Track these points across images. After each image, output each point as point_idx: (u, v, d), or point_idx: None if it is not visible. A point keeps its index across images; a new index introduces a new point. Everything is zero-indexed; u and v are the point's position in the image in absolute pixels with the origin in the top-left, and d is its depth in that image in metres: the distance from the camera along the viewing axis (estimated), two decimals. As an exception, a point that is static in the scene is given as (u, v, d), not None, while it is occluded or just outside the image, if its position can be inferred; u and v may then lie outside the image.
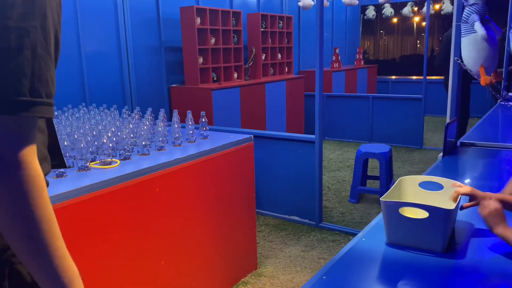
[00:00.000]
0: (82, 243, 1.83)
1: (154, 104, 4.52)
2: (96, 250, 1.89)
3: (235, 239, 2.78)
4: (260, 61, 6.00)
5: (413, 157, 5.78)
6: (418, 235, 1.35)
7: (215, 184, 2.57)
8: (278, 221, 3.78)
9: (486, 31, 2.52)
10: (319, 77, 3.40)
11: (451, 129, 2.72)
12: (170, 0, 4.97)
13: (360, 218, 3.79)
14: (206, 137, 2.73)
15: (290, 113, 6.31)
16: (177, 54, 5.16)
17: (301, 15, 7.46)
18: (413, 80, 9.75)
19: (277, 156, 3.78)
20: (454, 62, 2.78)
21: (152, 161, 2.19)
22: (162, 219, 2.21)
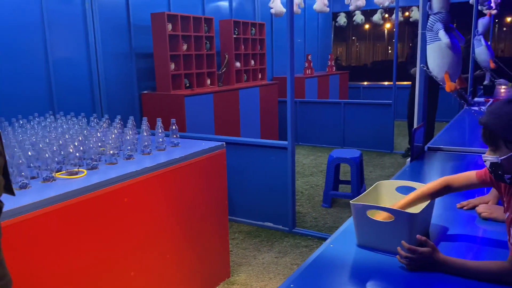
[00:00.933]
0: (49, 256, 1.78)
1: (124, 112, 4.45)
2: (63, 263, 1.83)
3: (207, 248, 2.75)
4: (233, 67, 6.00)
5: (383, 161, 5.89)
6: (385, 237, 1.37)
7: (186, 192, 2.54)
8: (251, 227, 3.77)
9: (450, 39, 2.60)
10: (291, 83, 3.42)
11: (418, 134, 2.78)
12: (141, 6, 4.92)
13: (333, 223, 3.82)
14: (177, 145, 2.70)
15: (264, 119, 6.33)
16: (148, 60, 5.10)
17: (273, 22, 7.51)
18: (384, 86, 9.97)
19: (250, 162, 3.78)
20: (420, 69, 2.86)
21: (120, 171, 2.15)
22: (131, 230, 2.16)
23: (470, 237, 1.52)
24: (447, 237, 1.52)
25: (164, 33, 4.79)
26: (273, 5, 7.08)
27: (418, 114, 2.97)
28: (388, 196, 1.63)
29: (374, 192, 1.61)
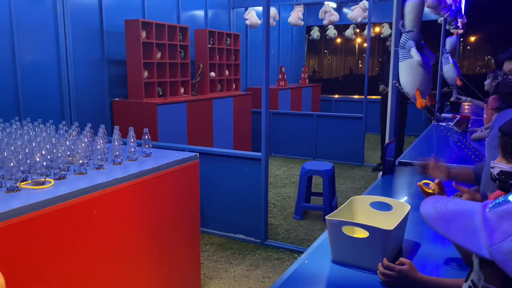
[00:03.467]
0: (13, 271, 1.68)
1: (94, 119, 4.34)
2: (27, 279, 1.74)
3: (178, 261, 2.69)
4: (208, 77, 5.98)
5: (354, 174, 5.97)
6: (360, 253, 1.37)
7: (158, 204, 2.48)
8: (223, 239, 3.72)
9: (422, 57, 2.68)
10: (266, 95, 3.43)
11: (390, 149, 2.84)
12: (115, 12, 4.84)
13: (305, 235, 3.83)
14: (149, 155, 2.64)
15: (237, 130, 6.31)
16: (121, 67, 5.01)
17: (248, 33, 7.55)
18: (355, 99, 10.16)
19: (223, 173, 3.75)
20: (392, 85, 2.92)
21: (89, 181, 2.08)
22: (100, 242, 2.09)
23: (441, 253, 1.54)
24: (419, 252, 1.54)
25: (138, 40, 4.73)
26: (248, 17, 7.15)
27: (390, 129, 3.03)
28: (362, 211, 1.64)
29: (349, 207, 1.62)
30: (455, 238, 0.56)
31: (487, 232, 0.52)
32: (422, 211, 0.61)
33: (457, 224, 0.55)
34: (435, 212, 0.58)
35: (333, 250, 1.44)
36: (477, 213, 0.54)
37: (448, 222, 0.56)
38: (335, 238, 1.42)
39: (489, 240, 0.52)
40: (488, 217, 0.53)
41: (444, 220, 0.57)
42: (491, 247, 0.51)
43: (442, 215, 0.57)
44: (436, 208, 0.59)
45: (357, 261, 1.39)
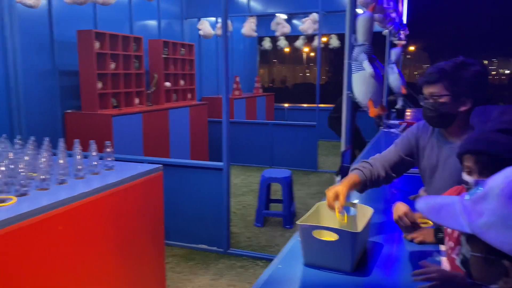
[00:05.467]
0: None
1: (46, 132, 4.14)
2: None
3: (144, 273, 2.67)
4: (163, 87, 5.94)
5: (309, 180, 6.15)
6: (330, 256, 1.46)
7: (123, 217, 2.46)
8: (186, 250, 3.72)
9: (373, 69, 2.86)
10: (226, 104, 3.48)
11: (346, 155, 2.99)
12: (65, 22, 4.71)
13: (266, 242, 3.91)
14: (112, 168, 2.62)
15: (194, 139, 6.31)
16: (73, 78, 4.87)
17: (201, 43, 7.59)
18: (305, 107, 10.46)
19: (184, 184, 3.75)
20: (347, 95, 3.08)
21: (52, 197, 2.03)
22: (66, 258, 2.04)
23: (403, 252, 1.67)
24: (383, 252, 1.65)
25: (91, 51, 4.63)
26: (202, 27, 7.20)
27: (345, 137, 3.18)
28: (328, 216, 1.73)
29: (316, 213, 1.71)
30: (444, 222, 0.74)
31: (466, 215, 0.71)
32: (418, 208, 0.78)
33: (445, 212, 0.74)
34: (428, 207, 0.76)
35: (305, 253, 1.52)
36: (457, 203, 0.73)
37: (438, 212, 0.75)
38: (306, 242, 1.50)
39: (468, 219, 0.70)
40: (465, 204, 0.72)
41: (435, 211, 0.75)
42: (471, 224, 0.70)
43: (433, 208, 0.76)
44: (428, 204, 0.77)
45: (328, 263, 1.47)
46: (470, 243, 0.74)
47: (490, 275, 0.71)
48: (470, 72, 1.63)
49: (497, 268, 0.69)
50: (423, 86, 1.75)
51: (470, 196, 0.72)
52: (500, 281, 0.69)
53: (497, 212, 0.67)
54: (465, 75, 1.64)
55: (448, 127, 1.76)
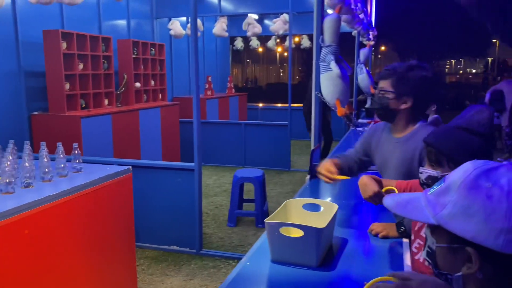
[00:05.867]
0: None
1: (12, 135, 4.06)
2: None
3: (114, 275, 2.65)
4: (133, 88, 5.88)
5: (282, 179, 6.21)
6: (296, 252, 1.50)
7: (92, 220, 2.43)
8: (157, 252, 3.70)
9: (340, 70, 2.93)
10: (196, 104, 3.47)
11: (316, 154, 3.05)
12: (31, 22, 4.59)
13: (239, 242, 3.93)
14: (80, 170, 2.58)
15: (165, 140, 6.26)
16: (40, 79, 4.76)
17: (172, 43, 7.54)
18: (279, 107, 10.54)
19: (155, 185, 3.73)
20: (315, 95, 3.14)
21: (18, 200, 1.99)
22: (34, 262, 2.01)
23: (366, 247, 1.73)
24: (347, 247, 1.70)
25: (58, 51, 4.53)
26: (172, 27, 7.15)
27: (314, 136, 3.25)
28: (296, 213, 1.77)
29: (283, 210, 1.75)
30: (411, 216, 0.80)
31: (431, 207, 0.77)
32: (386, 204, 0.84)
33: (411, 207, 0.80)
34: (395, 203, 0.82)
35: (272, 250, 1.56)
36: (421, 197, 0.80)
37: (404, 207, 0.81)
38: (273, 239, 1.54)
39: (433, 211, 0.76)
40: (429, 198, 0.78)
41: (401, 206, 0.81)
42: (435, 216, 0.75)
43: (400, 203, 0.82)
44: (394, 200, 0.83)
45: (295, 258, 1.51)
46: (435, 236, 0.79)
47: (455, 263, 0.76)
48: (416, 75, 1.75)
49: (460, 256, 0.75)
50: (378, 81, 1.85)
51: (433, 191, 0.79)
52: (463, 267, 0.75)
53: (459, 203, 0.73)
54: (411, 77, 1.75)
55: (391, 121, 1.88)
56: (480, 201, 0.71)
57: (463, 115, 1.48)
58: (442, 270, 0.79)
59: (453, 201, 0.74)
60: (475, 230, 0.71)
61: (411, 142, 1.76)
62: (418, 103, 1.78)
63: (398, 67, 1.80)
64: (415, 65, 1.78)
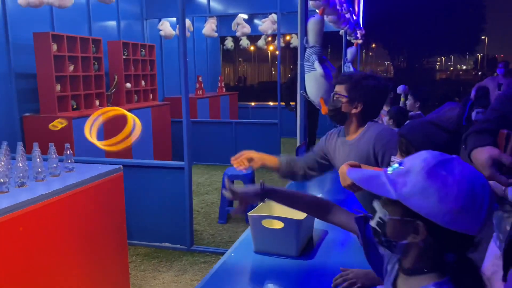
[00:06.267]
0: None
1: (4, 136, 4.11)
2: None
3: (107, 272, 2.73)
4: (124, 88, 5.94)
5: (273, 177, 6.27)
6: (277, 242, 1.60)
7: (84, 218, 2.51)
8: (149, 249, 3.78)
9: (324, 69, 3.03)
10: (186, 104, 3.56)
11: (301, 151, 3.15)
12: (21, 24, 4.64)
13: (229, 238, 4.02)
14: (72, 170, 2.66)
15: (157, 140, 6.33)
16: (31, 81, 4.81)
17: (163, 43, 7.60)
18: (270, 106, 10.64)
19: (146, 184, 3.81)
20: (300, 94, 3.24)
21: (12, 199, 2.07)
22: (29, 259, 2.09)
23: (344, 237, 1.83)
24: (327, 238, 1.81)
25: (49, 53, 4.59)
26: (162, 28, 7.22)
27: (300, 133, 3.35)
28: (279, 207, 1.87)
29: (267, 204, 1.84)
30: (373, 189, 0.91)
31: (392, 184, 0.89)
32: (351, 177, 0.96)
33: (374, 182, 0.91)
34: (359, 177, 0.94)
35: (255, 242, 1.66)
36: (382, 175, 0.92)
37: (367, 181, 0.92)
38: (256, 231, 1.63)
39: (394, 188, 0.88)
40: (390, 177, 0.90)
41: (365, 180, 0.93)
42: (396, 192, 0.87)
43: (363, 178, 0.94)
44: (358, 174, 0.95)
45: (276, 249, 1.61)
46: (387, 209, 0.92)
47: (402, 233, 0.91)
48: (369, 84, 1.87)
49: (409, 227, 0.89)
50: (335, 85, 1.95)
51: (392, 171, 0.92)
52: (409, 237, 0.89)
53: (418, 185, 0.86)
54: (364, 85, 1.87)
55: (342, 124, 1.99)
56: (436, 186, 0.84)
57: (438, 111, 1.59)
58: (390, 238, 0.92)
59: (413, 182, 0.86)
60: (429, 208, 0.84)
61: (362, 141, 1.85)
62: (367, 109, 1.88)
63: (354, 75, 1.92)
64: (369, 75, 1.90)
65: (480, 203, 0.83)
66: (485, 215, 0.84)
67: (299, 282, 1.47)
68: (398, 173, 0.90)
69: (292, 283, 1.46)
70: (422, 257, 0.90)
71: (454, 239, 0.85)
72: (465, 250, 0.89)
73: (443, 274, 0.89)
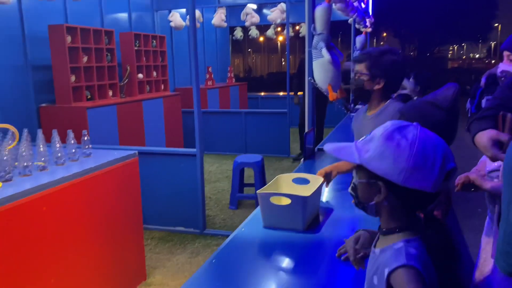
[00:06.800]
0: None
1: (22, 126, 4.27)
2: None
3: (123, 253, 2.87)
4: (136, 79, 6.06)
5: (282, 165, 6.41)
6: (285, 217, 1.70)
7: (102, 200, 2.64)
8: (163, 233, 3.92)
9: (331, 56, 3.09)
10: (197, 93, 3.66)
11: (309, 137, 3.23)
12: (36, 17, 4.77)
13: (240, 222, 4.10)
14: (89, 155, 2.79)
15: (168, 130, 6.46)
16: (46, 72, 4.95)
17: (173, 34, 7.70)
18: (280, 96, 10.70)
19: (160, 171, 3.93)
20: (308, 81, 3.32)
21: (35, 182, 2.20)
22: (51, 238, 2.22)
23: (348, 214, 1.92)
24: (332, 215, 1.90)
25: (64, 45, 4.72)
26: (173, 19, 7.30)
27: (308, 120, 3.43)
28: (286, 186, 1.97)
29: (275, 184, 1.95)
30: (342, 157, 1.02)
31: (357, 152, 0.99)
32: (326, 149, 1.06)
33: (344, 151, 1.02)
34: (333, 148, 1.04)
35: (264, 217, 1.76)
36: (353, 145, 1.02)
37: (339, 151, 1.03)
38: (265, 207, 1.74)
39: (359, 154, 0.98)
40: (358, 145, 1.01)
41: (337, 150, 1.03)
42: (360, 157, 0.98)
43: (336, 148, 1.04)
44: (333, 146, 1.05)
45: (284, 224, 1.71)
46: (358, 174, 1.04)
47: (370, 195, 1.02)
48: (388, 59, 1.94)
49: (374, 189, 1.00)
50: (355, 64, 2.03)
51: (361, 140, 1.03)
52: (375, 197, 1.01)
53: (377, 149, 0.96)
54: (383, 61, 1.94)
55: (366, 101, 2.08)
56: (391, 148, 0.95)
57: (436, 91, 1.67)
58: (361, 200, 1.04)
59: (373, 147, 0.97)
60: (385, 168, 0.94)
61: (381, 116, 1.94)
62: (389, 83, 1.97)
63: (373, 52, 1.99)
64: (387, 50, 1.97)
65: (432, 162, 0.93)
66: (437, 173, 0.93)
67: (306, 253, 1.57)
68: (364, 141, 1.00)
69: (299, 254, 1.56)
70: (393, 217, 1.01)
71: (413, 197, 0.96)
72: (426, 206, 1.00)
73: (414, 234, 0.99)
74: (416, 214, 1.03)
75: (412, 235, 0.99)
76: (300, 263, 1.50)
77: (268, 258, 1.55)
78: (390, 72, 1.94)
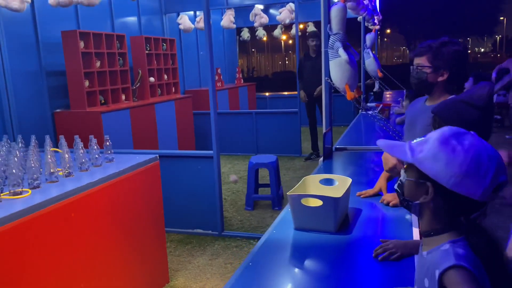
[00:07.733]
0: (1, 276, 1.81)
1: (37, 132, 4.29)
2: (14, 282, 1.87)
3: (147, 256, 2.89)
4: (147, 82, 6.09)
5: (294, 165, 6.41)
6: (316, 219, 1.71)
7: (126, 205, 2.66)
8: (182, 236, 3.94)
9: (348, 56, 3.10)
10: (212, 95, 3.69)
11: (328, 137, 3.24)
12: (49, 23, 4.81)
13: (257, 223, 4.16)
14: (112, 160, 2.81)
15: (180, 132, 6.49)
16: (60, 78, 4.99)
17: (182, 37, 7.72)
18: (286, 95, 10.70)
19: (177, 173, 3.95)
20: (325, 81, 3.32)
21: (62, 188, 2.22)
22: (79, 244, 2.25)
23: (377, 214, 1.93)
24: (362, 215, 1.91)
25: (77, 50, 4.76)
26: (181, 21, 7.33)
27: (325, 120, 3.43)
28: (313, 187, 1.98)
29: (303, 185, 1.96)
30: (395, 154, 1.05)
31: (411, 151, 1.02)
32: (379, 144, 1.09)
33: (397, 148, 1.05)
34: (386, 144, 1.07)
35: (295, 219, 1.77)
36: (406, 144, 1.05)
37: (392, 148, 1.06)
38: (295, 209, 1.74)
39: (411, 154, 1.01)
40: (411, 145, 1.03)
41: (390, 147, 1.06)
42: (413, 157, 1.01)
43: (389, 145, 1.07)
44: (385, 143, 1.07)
45: (315, 225, 1.72)
46: (407, 172, 1.06)
47: (416, 194, 1.04)
48: (450, 50, 1.90)
49: (421, 189, 1.03)
50: (413, 58, 2.01)
51: (416, 141, 1.05)
52: (421, 197, 1.03)
53: (431, 151, 0.99)
54: (445, 52, 1.90)
55: (428, 93, 2.04)
56: (446, 152, 0.97)
57: (470, 90, 1.66)
58: (407, 198, 1.07)
59: (427, 149, 0.99)
60: (437, 171, 0.97)
61: None
62: (454, 74, 1.92)
63: (432, 43, 1.94)
64: (447, 41, 1.92)
65: (485, 171, 0.94)
66: (489, 183, 0.94)
67: (340, 255, 1.57)
68: (419, 142, 1.03)
69: (333, 256, 1.57)
70: (435, 219, 1.03)
71: (459, 202, 0.97)
72: (471, 214, 1.01)
73: (459, 234, 1.01)
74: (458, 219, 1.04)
75: (457, 235, 1.00)
76: (336, 265, 1.51)
77: (303, 261, 1.56)
78: (453, 62, 1.90)
